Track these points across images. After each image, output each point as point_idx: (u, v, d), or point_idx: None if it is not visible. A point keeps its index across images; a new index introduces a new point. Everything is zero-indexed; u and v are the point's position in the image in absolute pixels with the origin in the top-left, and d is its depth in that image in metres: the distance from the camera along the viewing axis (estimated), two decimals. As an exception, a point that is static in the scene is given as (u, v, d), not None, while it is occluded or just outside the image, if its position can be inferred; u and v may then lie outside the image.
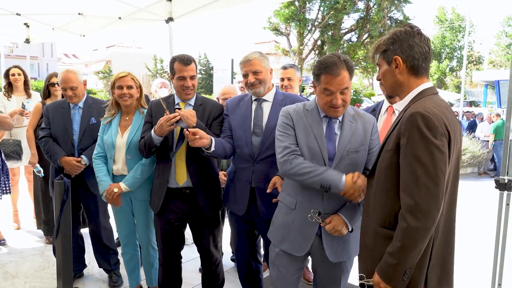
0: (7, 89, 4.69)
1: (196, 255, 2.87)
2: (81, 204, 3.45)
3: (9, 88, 4.70)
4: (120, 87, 2.89)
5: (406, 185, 1.53)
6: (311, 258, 2.26)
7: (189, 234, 2.90)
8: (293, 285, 2.24)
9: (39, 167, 4.16)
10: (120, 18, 5.28)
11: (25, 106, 4.49)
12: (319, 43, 23.69)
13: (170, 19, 4.69)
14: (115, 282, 3.50)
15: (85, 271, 3.72)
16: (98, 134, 3.05)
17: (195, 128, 2.42)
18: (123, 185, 2.87)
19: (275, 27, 23.72)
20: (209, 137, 2.40)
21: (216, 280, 2.90)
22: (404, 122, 1.55)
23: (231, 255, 4.02)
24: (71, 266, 3.05)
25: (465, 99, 25.33)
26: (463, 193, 2.08)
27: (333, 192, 1.99)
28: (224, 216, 3.93)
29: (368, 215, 1.77)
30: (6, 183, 3.96)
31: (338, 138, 2.08)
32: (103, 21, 5.56)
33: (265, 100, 2.61)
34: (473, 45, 35.54)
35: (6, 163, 4.03)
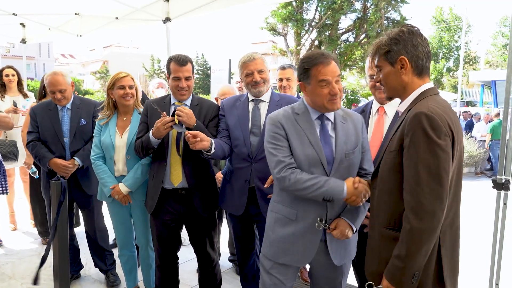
0: (0, 89, 4.68)
1: (194, 255, 2.86)
2: (73, 204, 3.44)
3: (2, 89, 4.68)
4: (122, 87, 2.87)
5: (410, 185, 1.52)
6: (312, 263, 2.16)
7: (186, 235, 2.89)
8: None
9: (34, 168, 4.14)
10: (117, 18, 5.27)
11: (16, 104, 4.48)
12: (316, 43, 23.68)
13: (167, 19, 4.68)
14: (113, 282, 3.48)
15: (82, 272, 3.71)
16: (94, 135, 3.01)
17: (194, 128, 2.42)
18: (123, 186, 2.86)
19: (273, 27, 23.69)
20: (209, 139, 2.39)
21: (213, 281, 2.89)
22: (408, 122, 1.54)
23: (229, 255, 4.01)
24: (68, 267, 3.03)
25: (461, 99, 25.43)
26: (460, 193, 2.07)
27: (336, 202, 1.95)
28: (222, 217, 3.93)
29: (372, 216, 1.75)
30: (3, 183, 3.94)
31: (334, 140, 2.02)
32: (100, 21, 5.55)
33: (262, 101, 2.64)
34: (470, 45, 35.62)
35: (3, 163, 4.01)
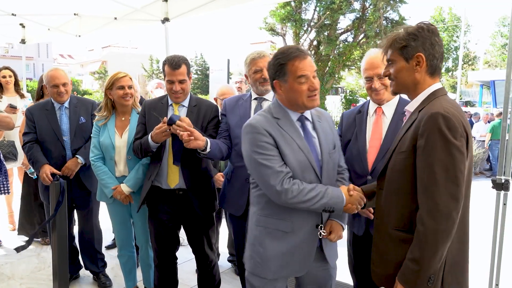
0: None
1: (192, 256, 2.85)
2: (73, 205, 3.43)
3: None
4: (122, 87, 2.86)
5: (425, 186, 1.49)
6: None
7: (185, 235, 2.89)
8: None
9: (32, 168, 4.13)
10: (116, 18, 5.25)
11: (12, 106, 4.47)
12: (315, 43, 23.66)
13: (166, 20, 4.67)
14: (104, 283, 3.49)
15: (81, 272, 3.69)
16: (92, 136, 2.99)
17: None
18: (125, 187, 2.85)
19: (271, 28, 23.67)
20: (204, 139, 2.38)
21: (212, 281, 2.88)
22: (423, 123, 1.51)
23: (227, 256, 4.01)
24: (67, 267, 3.03)
25: (460, 99, 25.45)
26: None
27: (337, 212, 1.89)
28: (220, 217, 3.92)
29: (380, 217, 1.72)
30: (5, 183, 3.94)
31: (317, 141, 1.97)
32: (99, 21, 5.53)
33: (265, 99, 2.64)
34: (469, 45, 35.69)
35: (4, 164, 4.01)
